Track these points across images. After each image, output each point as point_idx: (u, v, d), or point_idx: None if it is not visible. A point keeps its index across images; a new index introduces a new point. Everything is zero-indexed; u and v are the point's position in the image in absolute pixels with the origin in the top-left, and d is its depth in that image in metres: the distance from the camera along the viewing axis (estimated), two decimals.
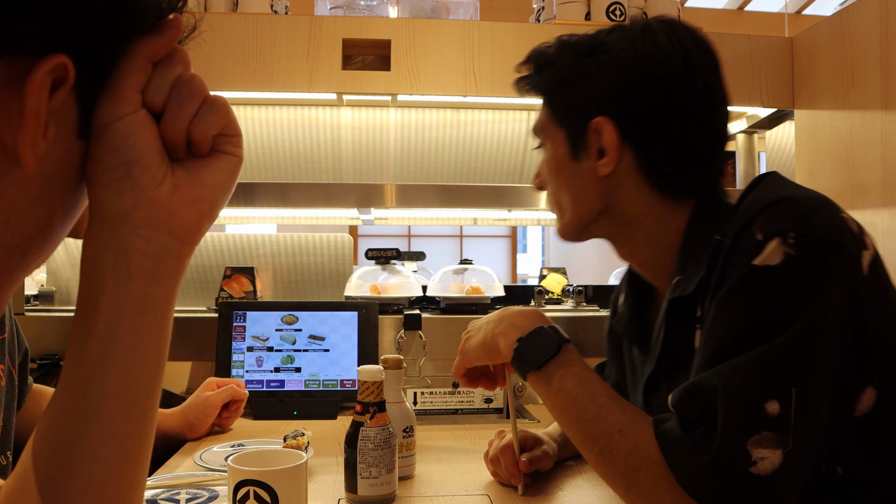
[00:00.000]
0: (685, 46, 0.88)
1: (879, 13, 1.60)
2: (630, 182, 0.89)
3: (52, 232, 0.45)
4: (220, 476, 1.12)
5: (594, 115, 0.88)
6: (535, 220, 2.36)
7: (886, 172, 1.59)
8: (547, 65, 0.94)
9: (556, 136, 0.94)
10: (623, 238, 0.94)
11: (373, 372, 1.05)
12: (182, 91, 0.46)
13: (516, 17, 2.24)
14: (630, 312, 1.01)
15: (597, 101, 0.88)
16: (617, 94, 0.87)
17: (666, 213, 0.90)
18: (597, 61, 0.89)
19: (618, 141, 0.88)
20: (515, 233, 7.67)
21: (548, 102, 0.95)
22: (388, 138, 2.09)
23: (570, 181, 0.93)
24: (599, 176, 0.90)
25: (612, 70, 0.88)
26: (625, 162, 0.89)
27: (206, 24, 1.44)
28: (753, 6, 4.82)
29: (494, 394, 1.77)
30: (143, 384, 0.45)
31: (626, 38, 0.89)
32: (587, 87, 0.89)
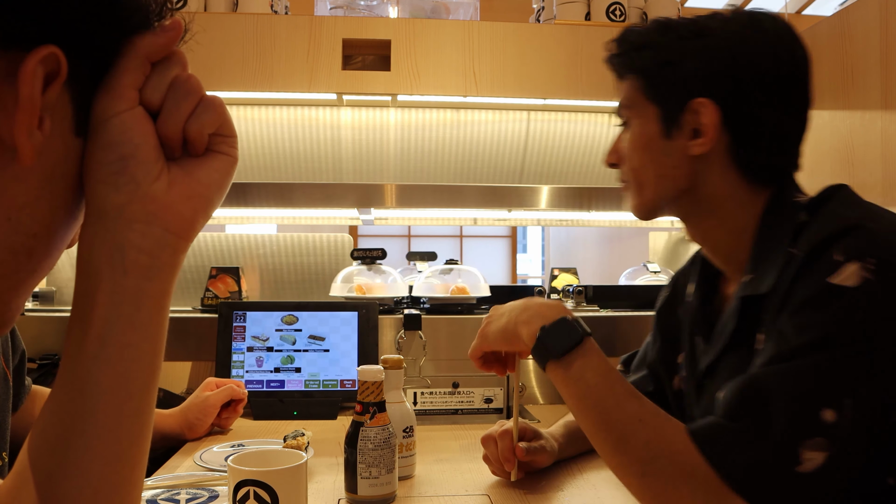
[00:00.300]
0: (789, 38, 0.91)
1: (879, 13, 1.60)
2: (718, 164, 0.92)
3: (57, 232, 0.45)
4: (220, 476, 1.12)
5: (696, 96, 0.90)
6: (535, 220, 2.36)
7: (886, 172, 1.59)
8: (647, 44, 0.96)
9: (648, 114, 0.95)
10: (698, 219, 0.96)
11: (373, 372, 1.05)
12: (179, 90, 0.47)
13: (516, 17, 2.24)
14: (699, 301, 1.02)
15: (701, 83, 0.90)
16: (723, 78, 0.89)
17: (745, 197, 0.92)
18: (703, 44, 0.91)
19: (718, 123, 0.90)
20: (515, 233, 7.67)
21: (643, 80, 0.96)
22: (388, 138, 2.09)
23: (657, 158, 0.94)
24: (690, 155, 0.92)
25: (720, 54, 0.90)
26: (719, 143, 0.91)
27: (206, 24, 1.45)
28: (753, 6, 4.82)
29: (494, 394, 1.77)
30: (140, 381, 0.45)
31: (733, 25, 0.91)
32: (693, 68, 0.91)
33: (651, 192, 0.96)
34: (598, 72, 1.90)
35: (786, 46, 0.91)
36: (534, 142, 2.12)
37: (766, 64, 0.90)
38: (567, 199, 1.93)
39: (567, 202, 1.93)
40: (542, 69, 1.88)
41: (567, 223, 2.36)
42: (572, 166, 2.15)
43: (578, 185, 2.14)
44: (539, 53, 1.88)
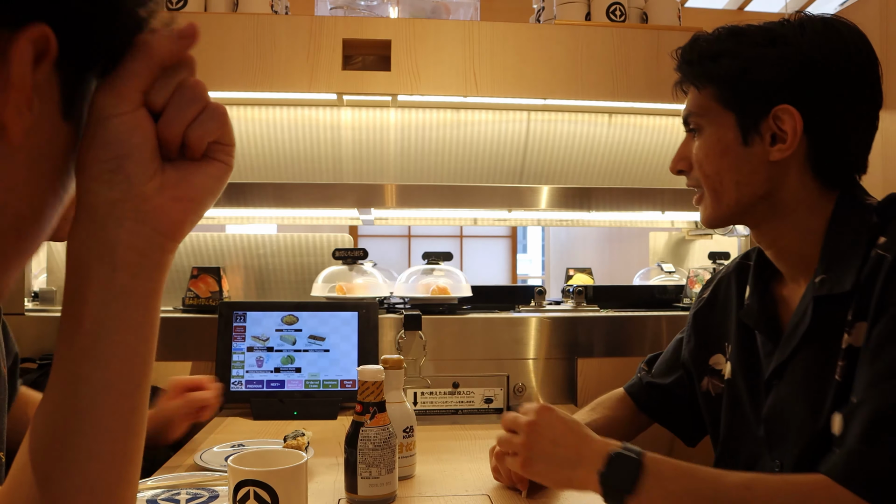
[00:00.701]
0: (861, 42, 0.93)
1: (879, 13, 1.60)
2: (796, 168, 0.94)
3: (45, 215, 0.45)
4: (220, 476, 1.12)
5: (778, 103, 0.92)
6: (535, 220, 2.36)
7: (886, 172, 1.59)
8: (722, 52, 0.97)
9: (723, 121, 0.96)
10: (772, 224, 0.97)
11: (373, 372, 1.05)
12: (185, 95, 0.47)
13: (516, 17, 2.24)
14: (759, 304, 1.03)
15: (782, 90, 0.92)
16: (803, 84, 0.91)
17: (817, 200, 0.94)
18: (781, 52, 0.92)
19: (800, 128, 0.91)
20: (515, 233, 7.66)
21: (720, 88, 0.97)
22: (388, 138, 2.09)
23: (735, 165, 0.96)
24: (769, 161, 0.93)
25: (799, 61, 0.91)
26: (799, 149, 0.93)
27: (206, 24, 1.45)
28: (753, 6, 4.81)
29: (494, 394, 1.77)
30: (132, 379, 0.46)
31: (809, 32, 0.93)
32: (773, 76, 0.92)
33: (730, 199, 0.97)
34: (598, 72, 1.91)
35: (859, 50, 0.93)
36: (534, 142, 2.12)
37: (843, 68, 0.92)
38: (567, 199, 1.93)
39: (567, 202, 1.93)
40: (542, 69, 1.88)
41: (567, 223, 2.36)
42: (572, 166, 2.15)
43: (578, 185, 2.14)
44: (539, 53, 1.88)
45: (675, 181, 2.21)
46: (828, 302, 0.89)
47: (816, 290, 0.91)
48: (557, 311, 1.97)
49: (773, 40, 0.93)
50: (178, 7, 1.84)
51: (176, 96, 0.47)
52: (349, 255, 1.85)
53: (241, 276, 2.05)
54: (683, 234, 2.44)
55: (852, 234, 0.90)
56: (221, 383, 1.44)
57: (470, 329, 1.81)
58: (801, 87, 0.91)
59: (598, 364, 1.82)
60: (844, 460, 0.77)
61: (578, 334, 1.84)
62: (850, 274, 0.87)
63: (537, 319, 1.84)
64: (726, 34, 0.98)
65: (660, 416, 1.24)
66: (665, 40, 1.92)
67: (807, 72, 0.91)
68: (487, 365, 1.80)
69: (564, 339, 1.83)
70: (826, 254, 0.92)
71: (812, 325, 0.91)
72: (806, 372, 0.92)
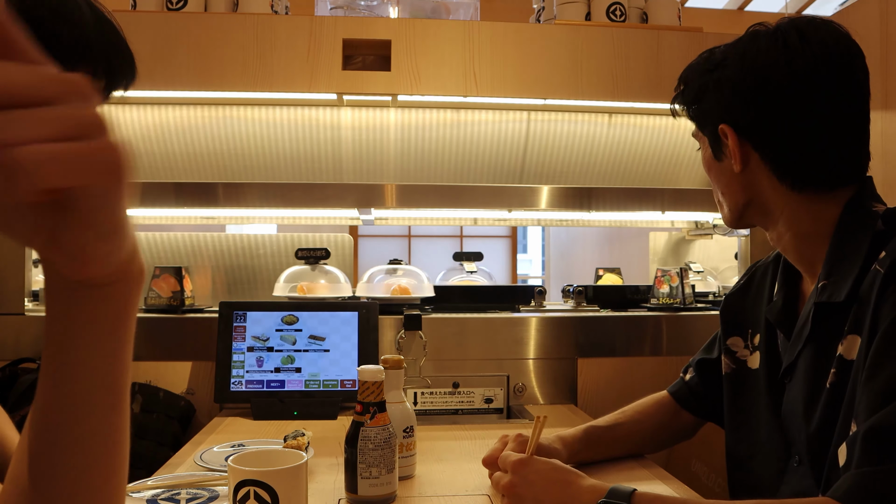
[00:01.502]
0: (788, 46, 0.94)
1: (879, 13, 1.60)
2: (763, 176, 0.99)
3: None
4: (220, 476, 1.12)
5: (719, 123, 1.00)
6: (535, 220, 2.36)
7: (886, 172, 1.59)
8: (687, 81, 1.07)
9: (704, 141, 1.07)
10: (770, 226, 1.04)
11: (373, 372, 1.05)
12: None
13: (516, 17, 2.24)
14: (783, 302, 1.05)
15: (719, 112, 1.01)
16: (731, 105, 0.99)
17: (799, 204, 0.97)
18: (716, 77, 1.00)
19: (739, 144, 0.98)
20: (515, 233, 7.66)
21: (689, 114, 1.08)
22: (388, 138, 2.09)
23: (718, 178, 1.06)
24: (736, 173, 1.01)
25: (728, 84, 0.99)
26: (753, 160, 0.99)
27: (206, 24, 1.45)
28: (754, 6, 4.82)
29: (494, 394, 1.77)
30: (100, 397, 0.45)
31: (738, 50, 0.99)
32: (711, 101, 1.02)
33: (725, 207, 1.06)
34: (598, 72, 1.91)
35: (784, 57, 0.93)
36: (534, 142, 2.12)
37: (763, 81, 0.95)
38: (567, 199, 1.93)
39: (567, 202, 1.93)
40: (542, 69, 1.88)
41: (567, 223, 2.36)
42: (572, 166, 2.15)
43: (578, 185, 2.14)
44: (539, 53, 1.88)
45: (675, 181, 2.21)
46: (827, 309, 0.91)
47: (818, 295, 0.93)
48: (557, 311, 1.97)
49: (717, 65, 1.00)
50: (178, 7, 1.84)
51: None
52: (311, 254, 1.85)
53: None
54: (683, 234, 2.44)
55: (855, 241, 0.91)
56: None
57: (470, 329, 1.81)
58: (729, 108, 0.98)
59: (598, 364, 1.82)
60: (849, 482, 0.77)
61: (578, 334, 1.84)
62: (847, 283, 0.89)
63: (537, 319, 1.84)
64: (696, 61, 1.06)
65: (701, 411, 1.24)
66: (665, 40, 1.92)
67: (732, 94, 0.98)
68: (487, 365, 1.80)
69: (564, 339, 1.83)
70: (829, 259, 0.94)
71: (812, 330, 0.94)
72: (806, 374, 0.94)
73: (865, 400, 0.80)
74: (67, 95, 0.36)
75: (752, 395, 1.09)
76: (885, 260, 0.85)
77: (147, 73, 1.76)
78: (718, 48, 1.03)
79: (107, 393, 0.45)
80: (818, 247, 0.96)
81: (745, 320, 1.14)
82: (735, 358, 1.14)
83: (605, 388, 1.82)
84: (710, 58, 1.03)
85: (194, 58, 1.77)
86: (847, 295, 0.88)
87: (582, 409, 1.77)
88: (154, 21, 1.78)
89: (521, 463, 0.99)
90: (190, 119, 2.00)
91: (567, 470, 0.97)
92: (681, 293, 1.95)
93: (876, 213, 0.92)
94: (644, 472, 1.18)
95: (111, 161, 0.37)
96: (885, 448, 0.75)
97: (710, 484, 1.67)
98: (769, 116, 0.95)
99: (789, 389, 0.99)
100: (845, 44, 0.95)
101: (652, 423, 1.25)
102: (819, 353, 0.93)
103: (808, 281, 1.02)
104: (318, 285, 1.83)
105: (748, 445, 1.08)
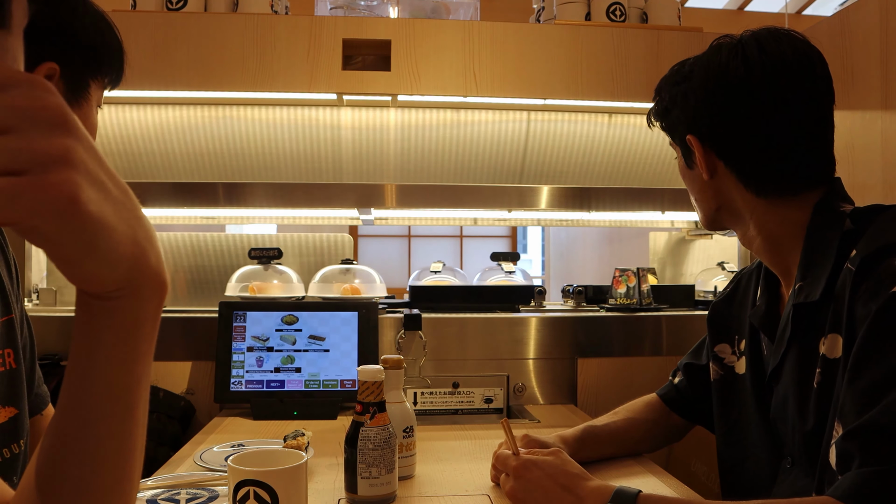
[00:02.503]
0: (746, 59, 0.97)
1: (879, 13, 1.60)
2: (730, 183, 1.02)
3: None
4: (220, 476, 1.12)
5: (686, 134, 1.04)
6: (535, 220, 2.36)
7: (886, 172, 1.59)
8: (658, 93, 1.11)
9: (677, 150, 1.10)
10: (741, 229, 1.06)
11: (373, 372, 1.05)
12: None
13: (516, 17, 2.24)
14: (766, 306, 1.07)
15: (685, 123, 1.04)
16: (696, 117, 1.02)
17: (767, 209, 1.00)
18: (682, 89, 1.04)
19: (703, 154, 1.02)
20: (515, 233, 7.66)
21: (661, 125, 1.12)
22: (388, 138, 2.09)
23: (691, 185, 1.09)
24: (705, 180, 1.04)
25: (692, 96, 1.02)
26: (720, 168, 1.02)
27: (206, 24, 1.45)
28: (753, 6, 4.82)
29: (494, 394, 1.77)
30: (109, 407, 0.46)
31: (702, 63, 1.02)
32: (678, 113, 1.05)
33: (699, 211, 1.10)
34: (598, 72, 1.91)
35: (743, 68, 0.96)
36: (534, 142, 2.12)
37: (722, 92, 0.98)
38: (567, 199, 1.93)
39: (567, 202, 1.93)
40: (542, 69, 1.88)
41: (567, 223, 2.36)
42: (572, 166, 2.15)
43: (578, 185, 2.14)
44: (539, 53, 1.88)
45: (675, 181, 2.21)
46: (805, 309, 0.93)
47: (795, 297, 0.94)
48: (557, 311, 1.97)
49: (684, 78, 1.04)
50: (178, 7, 1.84)
51: None
52: (264, 254, 1.85)
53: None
54: (683, 234, 2.44)
55: (826, 241, 0.93)
56: None
57: (470, 329, 1.81)
58: (696, 118, 1.02)
59: (598, 364, 1.82)
60: (851, 482, 0.77)
61: (578, 334, 1.84)
62: (821, 283, 0.90)
63: (537, 319, 1.84)
64: (668, 74, 1.09)
65: (689, 414, 1.26)
66: (665, 40, 1.92)
67: (695, 106, 1.01)
68: (487, 365, 1.80)
69: (564, 339, 1.83)
70: (803, 261, 0.95)
71: (793, 331, 0.95)
72: (793, 376, 0.95)
73: (850, 401, 0.80)
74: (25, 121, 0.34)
75: (741, 399, 1.10)
76: (856, 258, 0.86)
77: (147, 73, 1.77)
78: (689, 60, 1.06)
79: (116, 401, 0.45)
80: (790, 249, 0.99)
81: (732, 326, 1.15)
82: (723, 364, 1.15)
83: (605, 388, 1.82)
84: (679, 70, 1.06)
85: (194, 58, 1.77)
86: (822, 294, 0.90)
87: (582, 409, 1.77)
88: (154, 21, 1.78)
89: (523, 466, 0.99)
90: (190, 119, 2.00)
91: (571, 472, 0.96)
92: (637, 293, 1.95)
93: (843, 213, 0.94)
94: (644, 472, 1.18)
95: (57, 198, 0.35)
96: (885, 447, 0.75)
97: (710, 484, 1.67)
98: (730, 126, 0.98)
99: (777, 392, 0.99)
100: (804, 51, 0.97)
101: (644, 423, 1.27)
102: (803, 354, 0.94)
103: (786, 284, 1.04)
104: (271, 285, 1.84)
105: (739, 449, 1.10)
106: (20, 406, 0.94)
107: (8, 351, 0.93)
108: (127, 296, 0.43)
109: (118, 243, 0.40)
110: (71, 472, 0.45)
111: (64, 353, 1.64)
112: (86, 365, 0.44)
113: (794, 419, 0.94)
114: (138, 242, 0.42)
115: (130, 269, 0.42)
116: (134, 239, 0.42)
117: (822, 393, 0.89)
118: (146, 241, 0.43)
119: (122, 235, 0.40)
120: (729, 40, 1.01)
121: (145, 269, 0.43)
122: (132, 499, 0.48)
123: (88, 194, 0.37)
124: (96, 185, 0.38)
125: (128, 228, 0.41)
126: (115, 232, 0.40)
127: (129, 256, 0.41)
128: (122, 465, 0.47)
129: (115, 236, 0.40)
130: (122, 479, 0.47)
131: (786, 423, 0.97)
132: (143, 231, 0.43)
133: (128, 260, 0.42)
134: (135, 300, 0.44)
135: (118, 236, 0.40)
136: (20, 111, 0.34)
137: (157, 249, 0.44)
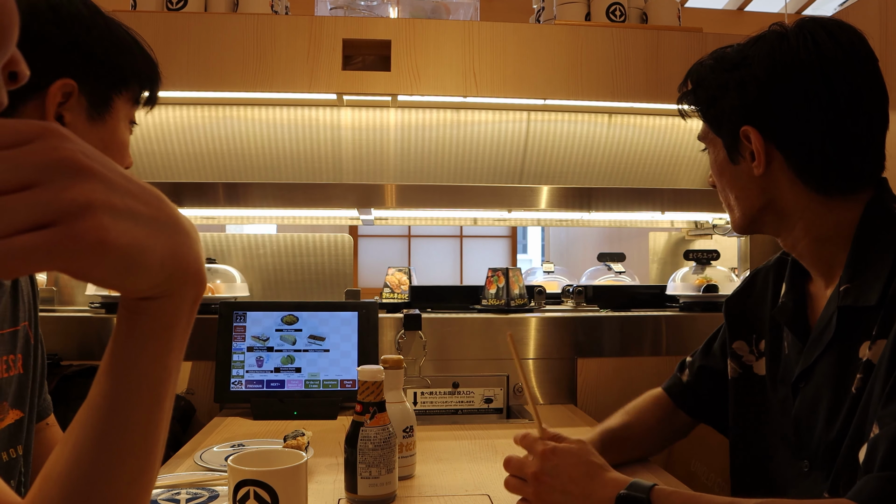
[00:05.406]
0: (820, 50, 0.93)
1: (879, 13, 1.61)
2: (784, 179, 0.96)
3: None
4: (220, 476, 1.12)
5: (742, 125, 0.97)
6: (535, 220, 2.36)
7: (886, 172, 1.58)
8: (700, 81, 1.03)
9: (716, 144, 1.03)
10: (785, 231, 1.01)
11: (373, 372, 1.05)
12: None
13: (516, 17, 2.24)
14: (793, 304, 1.04)
15: (742, 113, 0.97)
16: (757, 106, 0.96)
17: (821, 207, 0.95)
18: (740, 76, 0.97)
19: (763, 146, 0.96)
20: (515, 233, 7.66)
21: (703, 116, 1.04)
22: (388, 138, 2.09)
23: (732, 182, 1.02)
24: (755, 176, 0.98)
25: (753, 83, 0.95)
26: (776, 162, 0.96)
27: (206, 24, 1.45)
28: (753, 6, 4.81)
29: (494, 394, 1.77)
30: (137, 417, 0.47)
31: (764, 50, 0.96)
32: (732, 101, 0.98)
33: (737, 211, 1.03)
34: (598, 72, 1.91)
35: (817, 59, 0.92)
36: (534, 142, 2.12)
37: (794, 83, 0.93)
38: (567, 199, 1.93)
39: (567, 202, 1.93)
40: (542, 69, 1.88)
41: (567, 223, 2.36)
42: (572, 166, 2.15)
43: (578, 185, 2.14)
44: (539, 53, 1.88)
45: (675, 181, 2.21)
46: (853, 313, 0.89)
47: (841, 299, 0.91)
48: (557, 311, 1.97)
49: (736, 65, 0.98)
50: (178, 7, 1.84)
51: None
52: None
53: (270, 276, 2.04)
54: (683, 234, 2.44)
55: (879, 243, 0.90)
56: None
57: (470, 329, 1.81)
58: (757, 107, 0.95)
59: (598, 364, 1.82)
60: (870, 486, 0.76)
61: (578, 334, 1.84)
62: (877, 287, 0.87)
63: (537, 319, 1.84)
64: (710, 60, 1.03)
65: (696, 411, 1.24)
66: (665, 40, 1.92)
67: (758, 94, 0.95)
68: (487, 365, 1.80)
69: (564, 339, 1.83)
70: (851, 262, 0.92)
71: (836, 335, 0.92)
72: (826, 379, 0.92)
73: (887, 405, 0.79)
74: (45, 174, 0.36)
75: (759, 400, 1.07)
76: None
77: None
78: (731, 48, 1.01)
79: (147, 392, 0.47)
80: (837, 250, 0.95)
81: (749, 324, 1.13)
82: (741, 363, 1.12)
83: (605, 388, 1.82)
84: (725, 57, 1.00)
85: (194, 58, 1.77)
86: (878, 298, 0.86)
87: (581, 408, 1.77)
88: (154, 21, 1.78)
89: (551, 452, 0.97)
90: (190, 119, 2.00)
91: (593, 462, 0.95)
92: (506, 294, 1.94)
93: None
94: (644, 472, 1.18)
95: (88, 243, 0.36)
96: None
97: (710, 483, 1.67)
98: (798, 115, 0.93)
99: (804, 394, 0.97)
100: (867, 44, 0.94)
101: (654, 421, 1.24)
102: (841, 358, 0.90)
103: (820, 283, 1.01)
104: (214, 286, 1.88)
105: (755, 450, 1.07)
106: (26, 411, 0.95)
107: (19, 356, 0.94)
108: (167, 296, 0.45)
109: (155, 259, 0.41)
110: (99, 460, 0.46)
111: (64, 354, 1.64)
112: (122, 357, 0.46)
113: (821, 422, 0.92)
114: (176, 250, 0.43)
115: (170, 276, 0.44)
116: (171, 249, 0.43)
117: (858, 399, 0.86)
118: (184, 245, 0.44)
119: (159, 251, 0.42)
120: (786, 28, 0.96)
121: (185, 272, 0.45)
122: (150, 491, 0.50)
123: (117, 229, 0.38)
124: (124, 215, 0.39)
125: (164, 241, 0.42)
126: (151, 251, 0.41)
127: (167, 266, 0.43)
128: (146, 454, 0.48)
129: (150, 255, 0.41)
130: (145, 468, 0.48)
131: (810, 426, 0.95)
132: (181, 236, 0.44)
133: (167, 269, 0.43)
134: (174, 299, 0.46)
135: (154, 253, 0.41)
136: (40, 165, 0.36)
137: (196, 250, 0.45)
